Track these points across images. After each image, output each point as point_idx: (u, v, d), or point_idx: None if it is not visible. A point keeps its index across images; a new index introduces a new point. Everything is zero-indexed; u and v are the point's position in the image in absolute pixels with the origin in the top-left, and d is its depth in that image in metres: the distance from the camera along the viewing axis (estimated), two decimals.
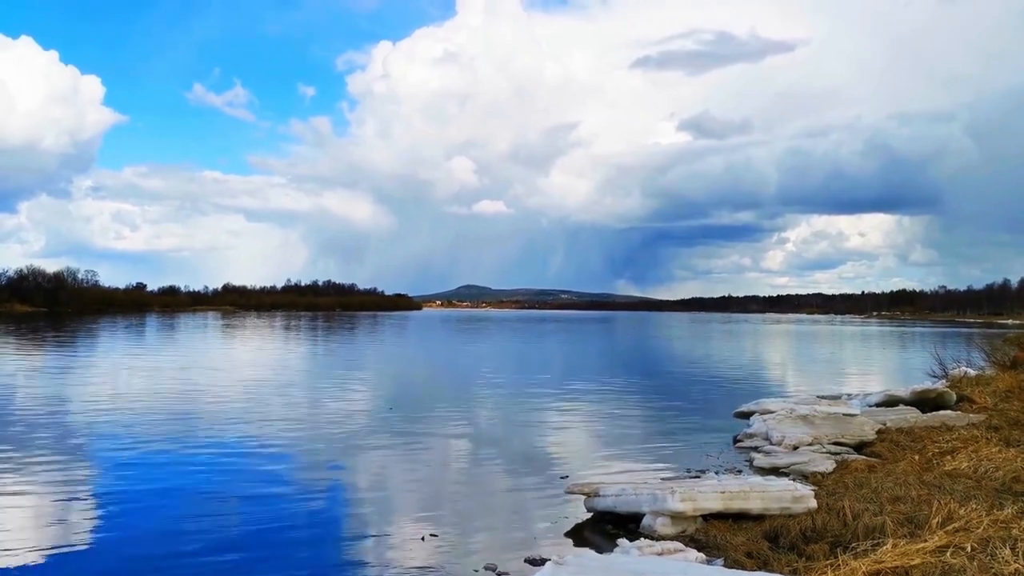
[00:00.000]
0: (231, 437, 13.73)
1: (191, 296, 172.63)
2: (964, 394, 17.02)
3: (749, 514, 8.03)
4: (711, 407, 18.86)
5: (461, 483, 10.93)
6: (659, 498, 7.95)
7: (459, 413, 17.56)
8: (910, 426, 13.67)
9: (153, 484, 10.33)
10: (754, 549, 7.02)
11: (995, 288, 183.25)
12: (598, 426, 16.11)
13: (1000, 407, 15.23)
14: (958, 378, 20.61)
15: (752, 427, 14.08)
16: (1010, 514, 6.57)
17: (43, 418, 15.49)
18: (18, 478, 10.41)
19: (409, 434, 14.47)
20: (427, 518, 8.92)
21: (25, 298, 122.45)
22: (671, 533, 7.73)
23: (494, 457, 12.61)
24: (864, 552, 6.09)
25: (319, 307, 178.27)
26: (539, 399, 20.12)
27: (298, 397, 19.90)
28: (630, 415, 17.71)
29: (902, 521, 6.92)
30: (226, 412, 16.79)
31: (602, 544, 7.80)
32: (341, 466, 11.81)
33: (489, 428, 15.80)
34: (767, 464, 11.45)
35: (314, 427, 15.05)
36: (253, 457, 12.12)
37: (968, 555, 5.57)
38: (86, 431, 14.14)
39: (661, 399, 20.84)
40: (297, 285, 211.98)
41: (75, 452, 12.30)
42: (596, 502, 8.68)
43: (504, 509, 9.50)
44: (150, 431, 14.17)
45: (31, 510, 9.00)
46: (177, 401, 18.56)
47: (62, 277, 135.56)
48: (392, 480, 11.09)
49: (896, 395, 16.99)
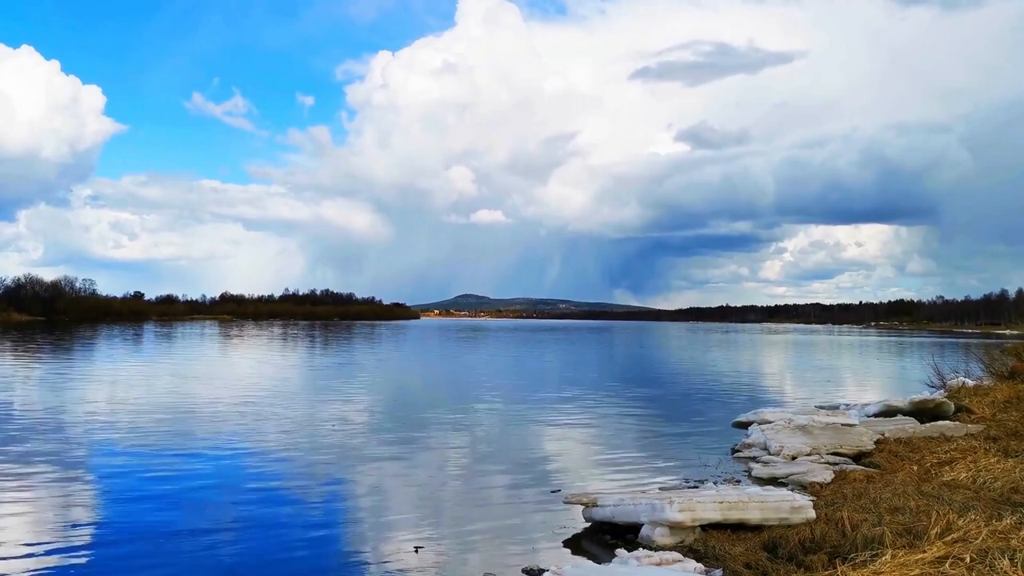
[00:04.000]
0: (225, 448, 13.69)
1: (189, 305, 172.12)
2: (962, 404, 17.04)
3: (748, 524, 8.01)
4: (709, 417, 18.84)
5: (458, 492, 10.90)
6: (657, 508, 7.93)
7: (456, 423, 17.52)
8: (908, 436, 13.67)
9: (145, 494, 10.28)
10: (753, 559, 7.01)
11: (993, 298, 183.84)
12: (596, 436, 16.09)
13: (998, 417, 15.23)
14: (956, 388, 20.64)
15: (750, 437, 14.07)
16: (1009, 525, 6.56)
17: (39, 428, 15.44)
18: (14, 486, 10.36)
19: (406, 444, 14.45)
20: (424, 528, 8.90)
21: (22, 307, 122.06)
22: (669, 543, 7.71)
23: (492, 467, 12.58)
24: (863, 563, 6.08)
25: (317, 316, 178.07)
26: (537, 409, 20.09)
27: (294, 407, 19.84)
28: (628, 425, 17.69)
29: (901, 532, 6.91)
30: (221, 423, 16.75)
31: (600, 554, 7.78)
32: (336, 476, 11.77)
33: (486, 438, 15.76)
34: (765, 474, 11.44)
35: (309, 437, 15.00)
36: (248, 469, 12.08)
37: (967, 566, 5.56)
38: (81, 441, 14.09)
39: (659, 409, 20.81)
40: (295, 294, 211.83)
41: (72, 461, 12.24)
42: (594, 512, 8.65)
43: (502, 519, 9.46)
44: (143, 441, 14.14)
45: (29, 517, 8.94)
46: (171, 411, 18.52)
47: (59, 286, 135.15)
48: (389, 490, 11.06)
49: (894, 405, 16.98)
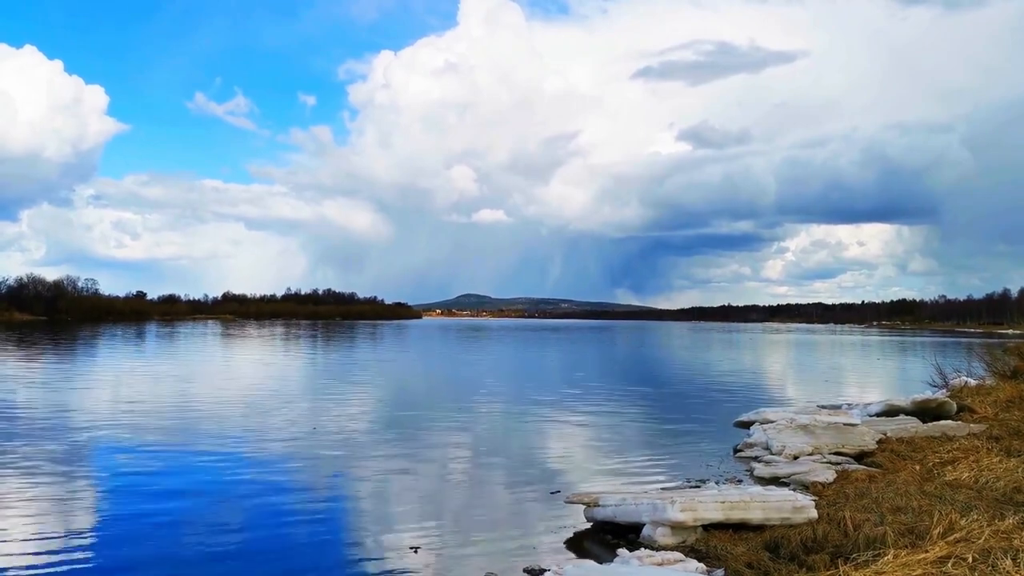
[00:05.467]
0: (226, 447, 13.68)
1: (191, 305, 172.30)
2: (965, 404, 17.00)
3: (749, 524, 8.00)
4: (711, 416, 18.82)
5: (460, 492, 10.90)
6: (659, 508, 7.92)
7: (457, 422, 17.52)
8: (911, 436, 13.65)
9: (144, 494, 10.30)
10: (754, 559, 6.99)
11: (995, 298, 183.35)
12: (598, 435, 16.07)
13: (1001, 417, 15.21)
14: (958, 388, 20.58)
15: (752, 437, 14.06)
16: (1011, 525, 6.54)
17: (41, 427, 15.46)
18: (19, 486, 10.37)
19: (407, 443, 14.44)
20: (426, 526, 8.90)
21: (24, 307, 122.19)
22: (671, 543, 7.70)
23: (493, 466, 12.58)
24: (865, 562, 6.06)
25: (319, 316, 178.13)
26: (538, 408, 20.08)
27: (296, 407, 19.85)
28: (630, 424, 17.68)
29: (903, 531, 6.89)
30: (221, 423, 16.77)
31: (602, 554, 7.77)
32: (338, 475, 11.78)
33: (488, 437, 15.76)
34: (767, 474, 11.42)
35: (311, 435, 14.99)
36: (249, 468, 12.07)
37: (969, 566, 5.54)
38: (81, 440, 14.10)
39: (661, 408, 20.80)
40: (297, 294, 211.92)
41: (72, 459, 12.26)
42: (596, 512, 8.64)
43: (503, 518, 9.47)
44: (143, 441, 14.17)
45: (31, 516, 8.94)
46: (172, 411, 18.54)
47: (61, 286, 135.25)
48: (390, 488, 11.04)
49: (896, 405, 16.96)
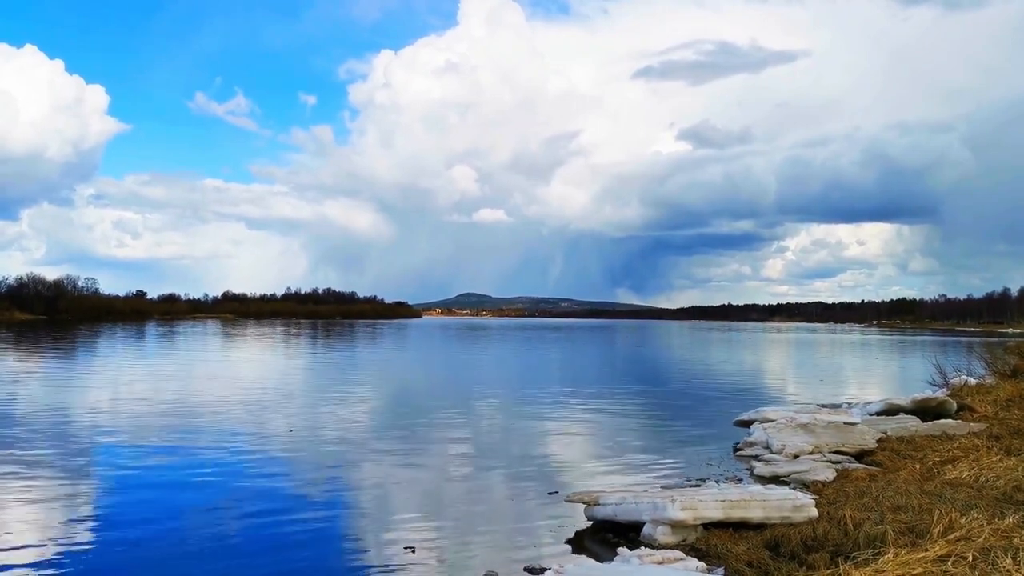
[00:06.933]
0: (225, 447, 13.68)
1: (191, 304, 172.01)
2: (965, 403, 17.01)
3: (750, 523, 8.01)
4: (711, 415, 18.83)
5: (460, 490, 10.90)
6: (659, 507, 7.93)
7: (458, 421, 17.54)
8: (911, 435, 13.66)
9: (145, 492, 10.32)
10: (755, 558, 7.00)
11: (995, 297, 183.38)
12: (598, 434, 16.09)
13: (1001, 416, 15.22)
14: (959, 387, 20.59)
15: (752, 436, 14.06)
16: (1011, 523, 6.55)
17: (41, 426, 15.46)
18: (20, 485, 10.38)
19: (407, 442, 14.45)
20: (426, 525, 8.91)
21: (25, 306, 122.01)
22: (671, 542, 7.71)
23: (493, 465, 12.58)
24: (865, 561, 6.07)
25: (319, 315, 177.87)
26: (539, 407, 20.09)
27: (296, 406, 19.88)
28: (630, 423, 17.69)
29: (903, 530, 6.90)
30: (221, 422, 16.77)
31: (602, 553, 7.78)
32: (338, 474, 11.78)
33: (488, 436, 15.77)
34: (768, 473, 11.43)
35: (311, 434, 15.02)
36: (249, 468, 12.07)
37: (969, 564, 5.55)
38: (82, 439, 14.13)
39: (661, 407, 20.81)
40: (297, 293, 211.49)
41: (73, 457, 12.28)
42: (596, 511, 8.65)
43: (504, 517, 9.47)
44: (143, 440, 14.18)
45: (31, 517, 8.95)
46: (172, 410, 18.54)
47: (62, 285, 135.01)
48: (390, 487, 11.06)
49: (897, 404, 16.97)
